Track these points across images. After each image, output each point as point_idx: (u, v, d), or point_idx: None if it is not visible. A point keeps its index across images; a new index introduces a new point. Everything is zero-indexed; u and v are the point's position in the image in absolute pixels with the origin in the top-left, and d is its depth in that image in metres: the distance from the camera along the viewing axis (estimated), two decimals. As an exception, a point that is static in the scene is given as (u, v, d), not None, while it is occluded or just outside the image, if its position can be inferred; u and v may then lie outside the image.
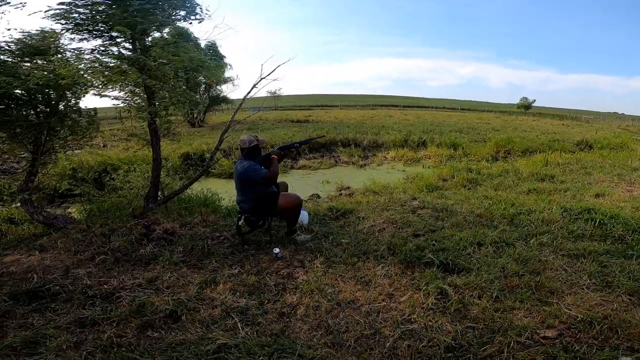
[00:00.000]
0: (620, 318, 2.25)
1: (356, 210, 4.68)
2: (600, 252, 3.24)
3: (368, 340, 2.17)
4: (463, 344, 2.08)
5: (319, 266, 3.11)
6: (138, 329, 2.28)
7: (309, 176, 10.47)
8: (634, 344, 2.03)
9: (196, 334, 2.23)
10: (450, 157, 11.92)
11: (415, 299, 2.56)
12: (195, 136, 15.96)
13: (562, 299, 2.52)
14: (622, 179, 6.92)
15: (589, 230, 3.76)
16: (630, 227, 3.70)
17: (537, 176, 7.36)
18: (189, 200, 5.00)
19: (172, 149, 11.43)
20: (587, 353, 1.97)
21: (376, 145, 14.46)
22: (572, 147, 13.55)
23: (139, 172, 5.74)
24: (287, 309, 2.52)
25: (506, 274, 2.86)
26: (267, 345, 2.09)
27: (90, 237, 3.72)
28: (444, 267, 3.01)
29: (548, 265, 3.02)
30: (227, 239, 3.76)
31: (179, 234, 3.82)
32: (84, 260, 3.29)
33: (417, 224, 4.04)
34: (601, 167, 8.26)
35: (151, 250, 3.44)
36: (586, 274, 2.86)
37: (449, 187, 6.82)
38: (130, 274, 3.06)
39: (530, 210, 4.40)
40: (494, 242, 3.48)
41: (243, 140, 3.55)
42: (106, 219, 4.12)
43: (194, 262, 3.29)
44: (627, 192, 5.81)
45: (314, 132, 15.70)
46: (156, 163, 4.51)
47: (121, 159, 9.44)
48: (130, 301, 2.59)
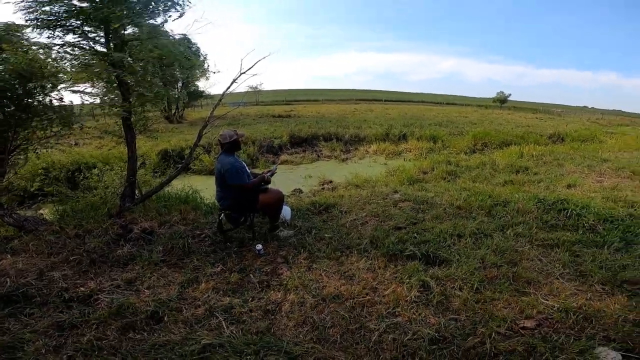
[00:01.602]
0: (594, 307, 2.35)
1: (339, 205, 4.70)
2: (573, 242, 3.38)
3: (354, 334, 2.20)
4: (447, 336, 2.13)
5: (303, 262, 3.11)
6: (119, 331, 2.24)
7: (291, 171, 10.41)
8: (609, 334, 2.11)
9: (180, 335, 2.19)
10: (430, 150, 12.12)
11: (398, 292, 2.60)
12: (173, 132, 15.54)
13: (538, 289, 2.62)
14: (592, 170, 7.24)
15: (562, 220, 3.91)
16: (601, 217, 3.88)
17: (512, 168, 7.61)
18: (168, 198, 4.88)
19: (150, 146, 11.08)
20: (565, 343, 2.04)
21: (358, 139, 14.52)
22: (545, 139, 14.06)
23: (114, 171, 5.54)
24: (271, 306, 2.51)
25: (485, 265, 2.95)
26: (253, 343, 2.08)
27: (63, 239, 3.59)
28: (426, 260, 3.07)
29: (524, 256, 3.13)
30: (209, 236, 3.70)
31: (158, 233, 3.73)
32: (58, 263, 3.18)
33: (399, 216, 4.10)
34: (572, 159, 8.61)
35: (129, 250, 3.35)
36: (560, 264, 2.98)
37: (429, 179, 6.95)
38: (107, 275, 2.98)
39: (506, 202, 4.54)
40: (473, 233, 3.58)
41: (223, 135, 3.48)
42: (80, 219, 3.98)
43: (175, 261, 3.22)
44: (597, 183, 6.09)
45: (296, 127, 15.59)
46: (132, 161, 4.37)
47: (95, 157, 9.09)
48: (109, 303, 2.53)
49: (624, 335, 2.09)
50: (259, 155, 11.92)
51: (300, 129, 15.27)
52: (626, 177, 6.59)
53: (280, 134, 14.07)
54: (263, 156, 11.98)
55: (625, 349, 1.99)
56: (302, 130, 15.03)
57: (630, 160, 8.35)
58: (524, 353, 1.99)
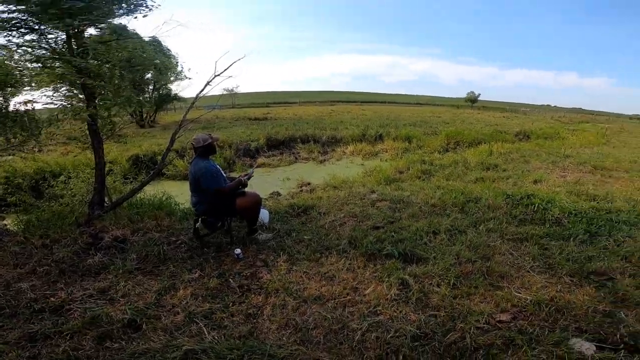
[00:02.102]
0: (565, 299, 2.47)
1: (317, 206, 4.71)
2: (541, 235, 3.54)
3: (337, 335, 2.21)
4: (428, 332, 2.18)
5: (283, 264, 3.10)
6: (95, 341, 2.17)
7: (269, 174, 10.34)
8: (581, 325, 2.21)
9: (160, 342, 2.14)
10: (406, 150, 12.38)
11: (379, 290, 2.63)
12: (145, 137, 15.06)
13: (511, 283, 2.72)
14: (556, 166, 7.65)
15: (530, 215, 4.10)
16: (566, 210, 4.09)
17: (482, 165, 7.91)
18: (141, 205, 4.73)
19: (120, 152, 10.68)
20: (540, 335, 2.12)
21: (335, 141, 14.62)
22: (512, 137, 14.72)
23: (81, 178, 5.30)
24: (253, 310, 2.49)
25: (460, 261, 3.04)
26: (236, 348, 2.05)
27: (29, 250, 3.43)
28: (404, 258, 3.13)
29: (496, 250, 3.25)
30: (185, 242, 3.61)
31: (131, 240, 3.60)
32: (25, 274, 3.04)
33: (377, 216, 4.16)
34: (538, 156, 9.06)
35: (100, 259, 3.22)
36: (530, 257, 3.11)
37: (405, 178, 7.10)
38: (79, 285, 2.87)
39: (478, 198, 4.71)
40: (447, 230, 3.69)
41: (196, 139, 3.41)
42: (46, 229, 3.81)
43: (150, 269, 3.13)
44: (561, 178, 6.44)
45: (273, 130, 15.49)
46: (99, 167, 4.21)
47: (60, 164, 8.65)
48: (83, 313, 2.44)
49: (595, 326, 2.17)
50: (235, 159, 11.75)
51: (278, 131, 15.19)
52: (587, 171, 7.01)
53: (257, 137, 13.94)
54: (240, 159, 11.83)
55: (598, 339, 2.07)
56: (279, 132, 14.96)
57: (591, 156, 8.89)
58: (502, 346, 2.04)
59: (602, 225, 3.73)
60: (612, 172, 6.99)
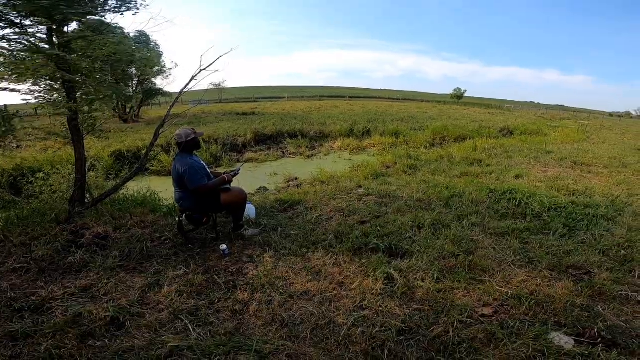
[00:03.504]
0: (544, 293, 2.53)
1: (304, 201, 4.71)
2: (522, 230, 3.62)
3: (323, 330, 2.22)
4: (412, 326, 2.21)
5: (269, 260, 3.09)
6: (78, 339, 2.12)
7: (257, 169, 10.27)
8: (560, 319, 2.27)
9: (144, 340, 2.11)
10: (393, 145, 12.47)
11: (365, 285, 2.66)
12: (128, 132, 14.72)
13: (493, 277, 2.78)
14: (538, 161, 7.83)
15: (512, 209, 4.20)
16: (546, 205, 4.20)
17: (467, 161, 8.04)
18: (124, 201, 4.63)
19: (102, 147, 10.41)
20: (520, 329, 2.16)
21: (323, 136, 14.60)
22: (496, 133, 14.99)
23: (61, 174, 5.15)
24: (239, 306, 2.47)
25: (444, 255, 3.09)
26: (222, 344, 2.05)
27: (8, 248, 3.33)
28: (389, 252, 3.17)
29: (479, 245, 3.32)
30: (169, 239, 3.56)
31: (114, 237, 3.53)
32: (4, 273, 2.95)
33: (363, 211, 4.19)
34: (520, 151, 9.26)
35: (81, 257, 3.14)
36: (511, 251, 3.18)
37: (392, 173, 7.15)
38: (60, 283, 2.80)
39: (462, 193, 4.79)
40: (432, 224, 3.74)
41: (179, 134, 3.34)
42: (25, 227, 3.69)
43: (133, 266, 3.07)
44: (543, 173, 6.60)
45: (261, 125, 15.36)
46: (80, 163, 4.09)
47: (39, 161, 8.38)
48: (64, 311, 2.39)
49: (573, 320, 2.23)
50: (222, 154, 11.62)
51: (265, 126, 15.07)
52: (568, 167, 7.21)
53: (244, 132, 13.81)
54: (227, 155, 11.69)
55: (576, 333, 2.12)
56: (267, 127, 14.85)
57: (572, 152, 9.14)
58: (484, 340, 2.08)
59: (580, 220, 3.84)
60: (591, 167, 7.21)
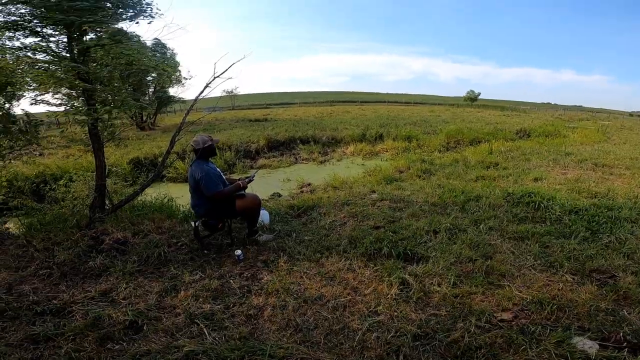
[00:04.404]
0: (567, 298, 2.45)
1: (317, 207, 4.71)
2: (542, 234, 3.52)
3: (337, 335, 2.20)
4: (428, 331, 2.17)
5: (283, 265, 3.10)
6: (97, 342, 2.17)
7: (270, 175, 10.35)
8: (583, 323, 2.19)
9: (161, 343, 2.14)
10: (406, 149, 12.39)
11: (379, 290, 2.63)
12: (145, 140, 15.10)
13: (512, 281, 2.71)
14: (557, 163, 7.63)
15: (531, 213, 4.09)
16: (567, 208, 4.07)
17: (483, 164, 7.91)
18: (142, 207, 4.74)
19: (120, 155, 10.73)
20: (542, 334, 2.10)
21: (335, 141, 14.64)
22: (513, 135, 14.71)
23: (82, 181, 5.32)
24: (253, 310, 2.48)
25: (461, 260, 3.03)
26: (236, 348, 2.05)
27: (31, 252, 3.45)
28: (404, 257, 3.13)
29: (497, 249, 3.24)
30: (186, 244, 3.61)
31: (132, 243, 3.61)
32: (27, 277, 3.06)
33: (377, 216, 4.16)
34: (538, 153, 9.05)
35: (102, 261, 3.23)
36: (531, 256, 3.10)
37: (406, 178, 7.10)
38: (80, 287, 2.88)
39: (478, 197, 4.70)
40: (447, 229, 3.68)
41: (196, 140, 3.41)
42: (48, 232, 3.82)
43: (151, 270, 3.14)
44: (562, 175, 6.42)
45: (273, 131, 15.52)
46: (100, 170, 4.22)
47: (61, 168, 8.68)
48: (84, 315, 2.45)
49: (597, 324, 2.16)
50: (236, 160, 11.77)
51: (277, 132, 15.23)
52: (589, 168, 7.00)
53: (257, 138, 13.97)
54: (240, 161, 11.85)
55: (601, 337, 2.05)
56: (279, 133, 14.99)
57: (592, 153, 8.87)
58: (503, 345, 2.03)
59: (603, 223, 3.71)
60: (613, 169, 6.98)
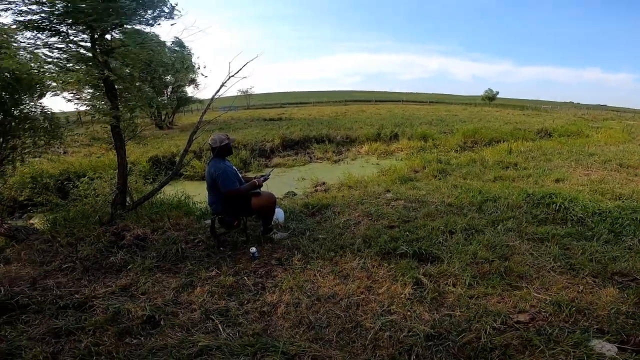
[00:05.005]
0: (587, 300, 2.39)
1: (332, 205, 4.72)
2: (563, 235, 3.43)
3: (350, 333, 2.21)
4: (442, 332, 2.15)
5: (297, 263, 3.12)
6: (116, 337, 2.22)
7: (284, 174, 10.42)
8: (602, 326, 2.14)
9: (176, 338, 2.19)
10: (421, 149, 12.23)
11: (393, 290, 2.62)
12: (163, 138, 15.44)
13: (530, 283, 2.66)
14: (579, 164, 7.38)
15: (551, 214, 3.99)
16: (589, 210, 3.95)
17: (501, 164, 7.73)
18: (161, 205, 4.86)
19: (140, 153, 11.01)
20: (559, 336, 2.06)
21: (350, 140, 14.60)
22: (533, 135, 14.30)
23: (104, 178, 5.49)
24: (267, 307, 2.51)
25: (477, 261, 2.98)
26: (249, 345, 2.08)
27: (55, 247, 3.57)
28: (419, 257, 3.10)
29: (515, 250, 3.18)
30: (202, 241, 3.68)
31: (151, 239, 3.70)
32: (51, 271, 3.16)
33: (391, 215, 4.13)
34: (560, 154, 8.78)
35: (122, 257, 3.33)
36: (551, 257, 3.02)
37: (421, 178, 7.02)
38: (101, 282, 2.96)
39: (496, 197, 4.61)
40: (464, 229, 3.62)
41: (214, 139, 3.48)
42: (71, 228, 3.95)
43: (169, 266, 3.21)
44: (585, 176, 6.21)
45: (288, 130, 15.61)
46: (121, 168, 4.34)
47: (84, 166, 8.98)
48: (105, 309, 2.51)
49: (617, 327, 2.10)
50: (251, 159, 11.90)
51: (292, 131, 15.30)
52: (613, 169, 6.74)
53: (272, 137, 14.08)
54: (255, 160, 11.97)
55: (620, 340, 2.01)
56: (293, 132, 15.06)
57: (617, 153, 8.54)
58: (519, 347, 2.00)
59: (627, 225, 3.59)
60: (638, 170, 6.70)
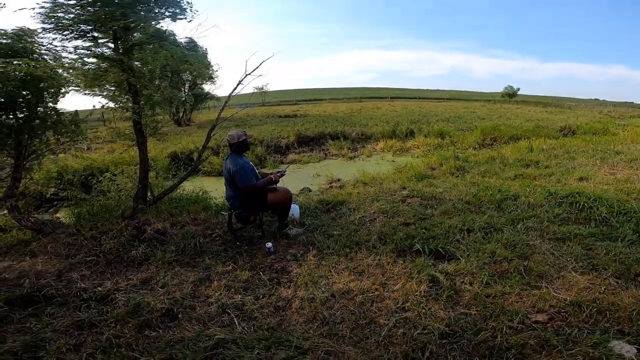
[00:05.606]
0: (608, 301, 2.32)
1: (347, 202, 4.72)
2: (585, 235, 3.33)
3: (363, 329, 2.21)
4: (457, 330, 2.13)
5: (312, 259, 3.14)
6: (136, 329, 2.28)
7: (300, 170, 10.46)
8: (623, 327, 2.08)
9: (193, 331, 2.24)
10: (438, 146, 12.03)
11: (408, 287, 2.61)
12: (182, 135, 15.75)
13: (550, 283, 2.60)
14: (604, 163, 7.10)
15: (574, 214, 3.86)
16: (614, 210, 3.80)
17: (522, 162, 7.52)
18: (180, 200, 4.97)
19: (160, 149, 11.27)
20: (578, 337, 2.01)
21: (365, 137, 14.51)
22: (556, 133, 13.83)
23: (126, 174, 5.66)
24: (282, 302, 2.55)
25: (495, 259, 2.93)
26: (264, 339, 2.12)
27: (80, 241, 3.67)
28: (435, 255, 3.07)
29: (535, 250, 3.10)
30: (220, 236, 3.75)
31: (171, 233, 3.80)
32: (75, 264, 3.26)
33: (407, 212, 4.10)
34: (584, 152, 8.46)
35: (143, 251, 3.42)
36: (573, 258, 2.94)
37: (438, 175, 6.91)
38: (123, 275, 3.05)
39: (516, 195, 4.50)
40: (482, 227, 3.56)
41: (231, 135, 3.54)
42: (95, 222, 4.07)
43: (187, 260, 3.29)
44: (610, 175, 5.98)
45: (303, 127, 15.65)
46: (143, 163, 4.46)
47: (107, 161, 9.27)
48: (126, 302, 2.58)
49: (638, 328, 2.06)
50: (266, 156, 12.01)
51: (307, 128, 15.33)
52: (639, 168, 6.46)
53: (287, 134, 14.15)
54: (271, 156, 12.07)
55: None
56: (309, 129, 15.09)
57: (644, 152, 8.17)
58: (536, 347, 1.97)
59: (654, 226, 3.44)
60: (668, 169, 6.39)
